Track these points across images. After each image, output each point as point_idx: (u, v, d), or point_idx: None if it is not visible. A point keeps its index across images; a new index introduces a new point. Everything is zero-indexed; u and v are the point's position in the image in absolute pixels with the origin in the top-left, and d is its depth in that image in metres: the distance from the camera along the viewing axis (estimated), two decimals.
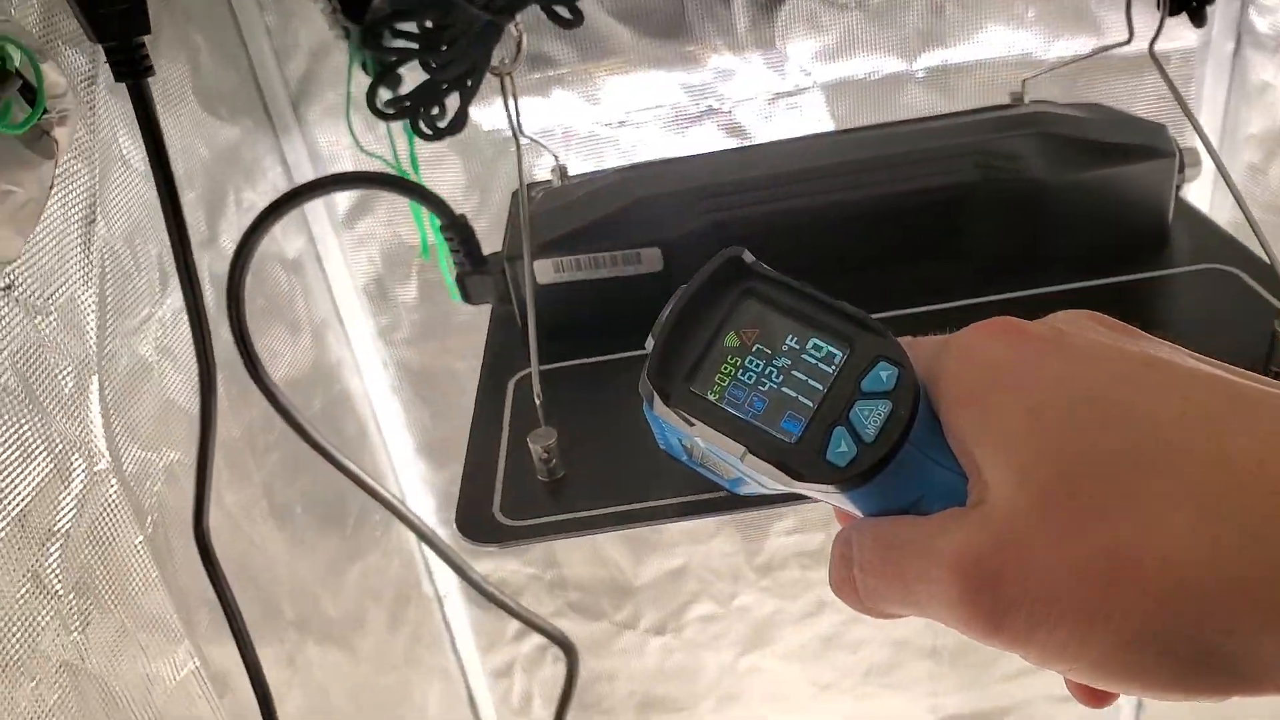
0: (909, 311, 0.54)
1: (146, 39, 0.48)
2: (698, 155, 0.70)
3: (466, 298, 0.61)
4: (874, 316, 0.31)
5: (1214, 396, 0.25)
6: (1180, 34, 0.88)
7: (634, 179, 0.61)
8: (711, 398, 0.31)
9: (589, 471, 0.49)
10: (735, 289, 0.32)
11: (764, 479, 0.31)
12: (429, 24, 0.48)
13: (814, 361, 0.31)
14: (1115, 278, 0.57)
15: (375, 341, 1.05)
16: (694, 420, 0.31)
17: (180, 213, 0.51)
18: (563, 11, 0.49)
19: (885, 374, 0.30)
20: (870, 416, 0.29)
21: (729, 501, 0.48)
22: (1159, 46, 0.64)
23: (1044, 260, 0.59)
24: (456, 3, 0.47)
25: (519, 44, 0.52)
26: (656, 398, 0.32)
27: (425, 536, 0.63)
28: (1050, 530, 0.25)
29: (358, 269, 1.01)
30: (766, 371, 0.31)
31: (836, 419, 0.30)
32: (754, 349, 0.31)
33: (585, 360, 0.58)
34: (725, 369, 0.31)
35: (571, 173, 0.76)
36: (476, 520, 0.47)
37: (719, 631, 1.30)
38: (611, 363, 0.59)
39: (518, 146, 0.52)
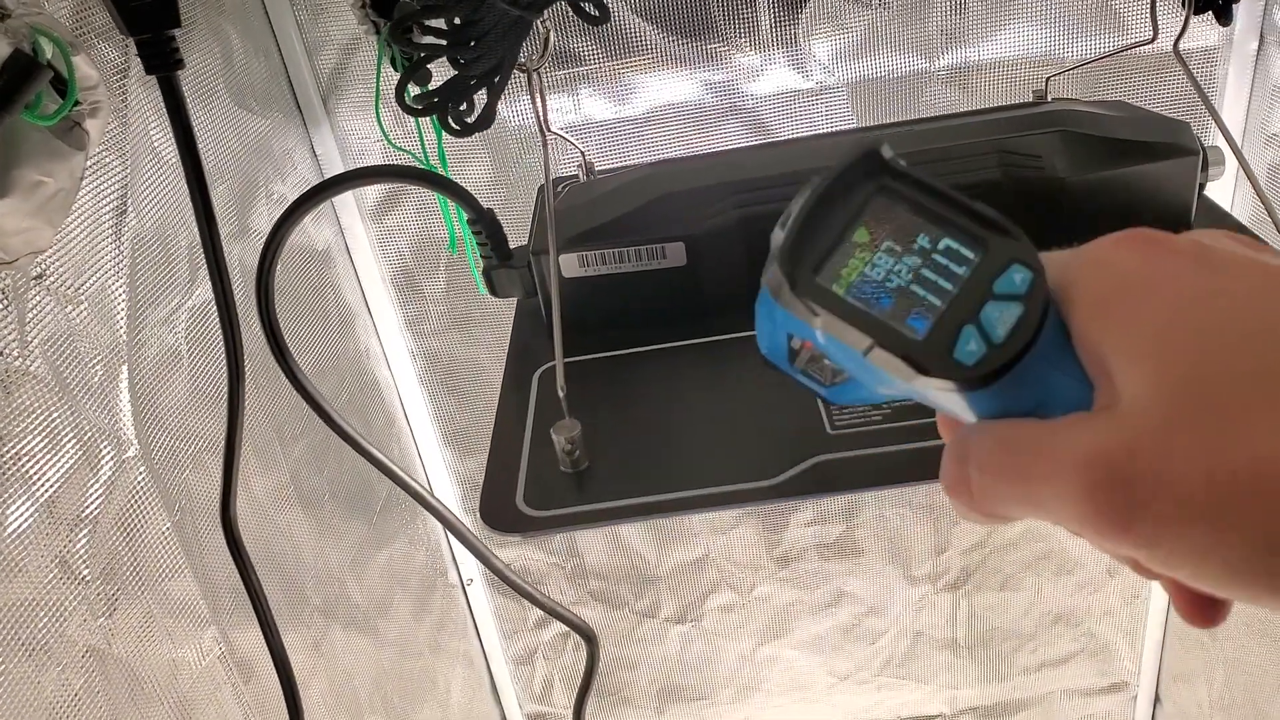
0: None
1: (177, 32, 0.49)
2: (721, 152, 0.70)
3: (493, 291, 0.61)
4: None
5: None
6: (1203, 33, 0.87)
7: (658, 175, 0.61)
8: (837, 290, 0.31)
9: (612, 463, 0.49)
10: (869, 184, 0.32)
11: (882, 376, 0.31)
12: (458, 20, 0.49)
13: (945, 262, 0.30)
14: None
15: (403, 332, 1.06)
16: (820, 311, 0.31)
17: (210, 205, 0.51)
18: (589, 8, 0.49)
19: (1019, 277, 0.29)
20: (1001, 317, 0.29)
21: (751, 493, 0.49)
22: (1182, 45, 0.63)
23: None
24: None
25: (546, 40, 0.52)
26: (785, 286, 0.31)
27: (450, 524, 0.64)
28: (1188, 437, 0.25)
29: (386, 260, 1.02)
30: (895, 269, 0.30)
31: (966, 318, 0.29)
32: (884, 246, 0.31)
33: (609, 353, 0.59)
34: (853, 264, 0.31)
35: (597, 168, 0.76)
36: (500, 510, 0.48)
37: (738, 621, 1.30)
38: (635, 355, 0.59)
39: (545, 143, 0.52)
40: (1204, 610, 0.29)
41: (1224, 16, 0.63)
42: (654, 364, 0.58)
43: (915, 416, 0.53)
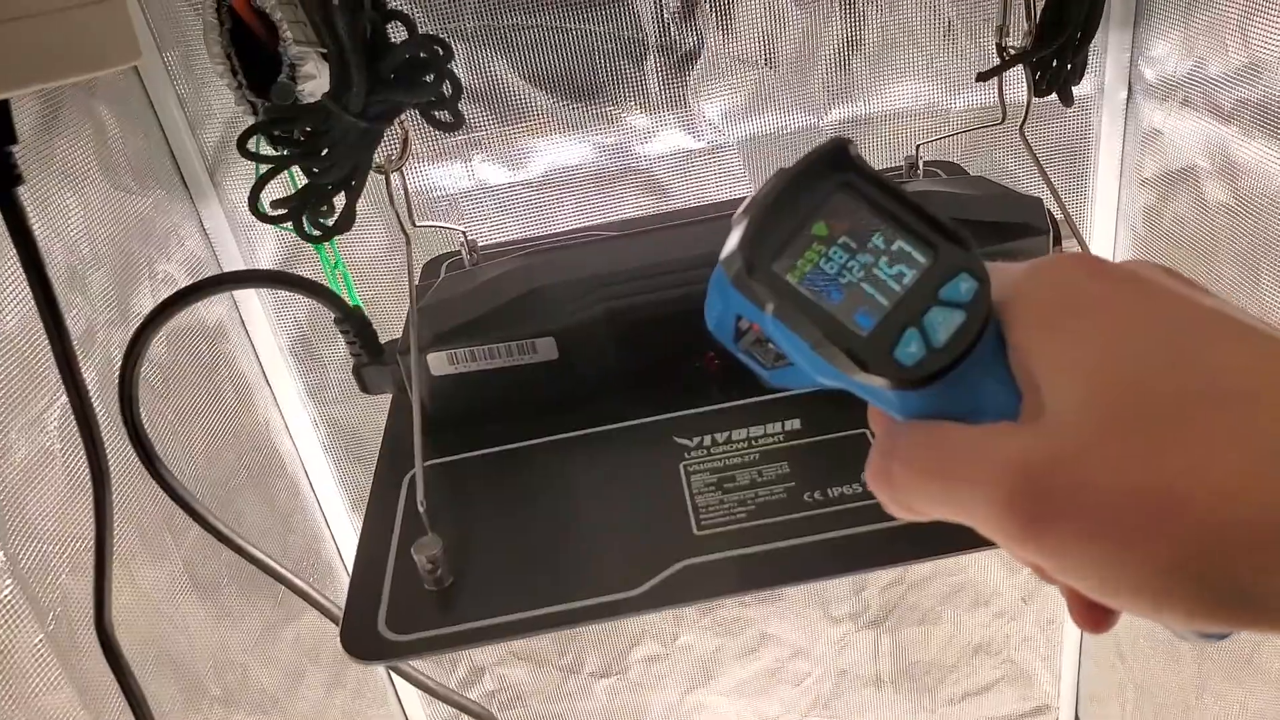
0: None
1: (15, 149, 0.47)
2: (595, 239, 0.70)
3: (365, 389, 0.60)
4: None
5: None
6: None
7: (528, 268, 0.61)
8: (791, 280, 0.31)
9: (477, 578, 0.48)
10: (834, 179, 0.32)
11: (824, 367, 0.32)
12: (309, 129, 0.48)
13: (896, 263, 0.31)
14: None
15: (304, 401, 1.05)
16: (771, 298, 0.31)
17: (62, 322, 0.50)
18: (443, 116, 0.48)
19: (965, 286, 0.30)
20: (943, 323, 0.30)
21: (615, 606, 0.48)
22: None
23: None
24: (333, 111, 0.46)
25: (405, 141, 0.52)
26: (741, 270, 0.31)
27: (336, 619, 0.63)
28: (1110, 454, 0.25)
29: (283, 330, 1.01)
30: (849, 265, 0.31)
31: (910, 321, 0.30)
32: (840, 241, 0.31)
33: (481, 451, 0.58)
34: (809, 255, 0.31)
35: (489, 237, 0.75)
36: (360, 635, 0.47)
37: (663, 671, 1.30)
38: (510, 453, 0.58)
39: (408, 243, 0.52)
40: (1096, 617, 0.30)
41: (1066, 98, 0.65)
42: (527, 462, 0.57)
43: (781, 513, 0.53)
